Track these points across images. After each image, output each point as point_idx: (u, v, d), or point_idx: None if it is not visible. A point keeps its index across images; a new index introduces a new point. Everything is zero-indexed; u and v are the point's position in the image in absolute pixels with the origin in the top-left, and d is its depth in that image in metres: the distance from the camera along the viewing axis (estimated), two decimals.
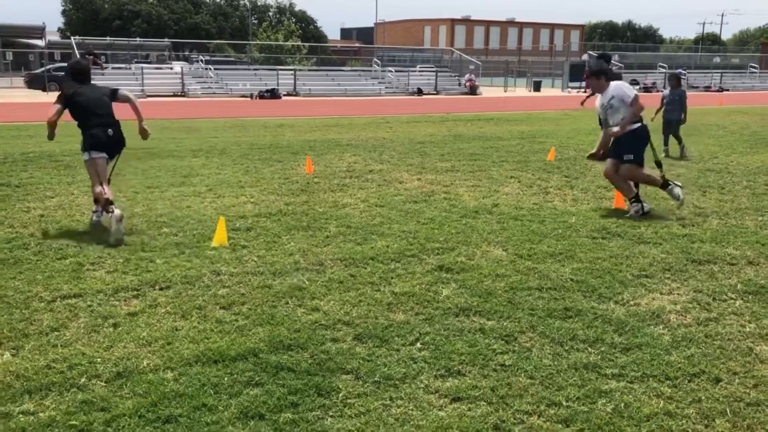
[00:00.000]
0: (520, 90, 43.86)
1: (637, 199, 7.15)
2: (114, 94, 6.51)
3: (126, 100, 6.58)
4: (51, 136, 6.56)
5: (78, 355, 3.70)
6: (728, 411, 3.25)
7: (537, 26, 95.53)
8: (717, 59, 70.44)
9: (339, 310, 4.43)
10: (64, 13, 74.84)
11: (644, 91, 43.67)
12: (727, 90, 46.43)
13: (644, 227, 6.69)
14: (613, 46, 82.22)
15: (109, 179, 6.42)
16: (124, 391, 3.32)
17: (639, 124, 7.17)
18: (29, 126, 16.21)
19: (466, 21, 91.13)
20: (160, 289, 4.77)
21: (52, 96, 28.78)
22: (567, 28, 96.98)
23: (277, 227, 6.58)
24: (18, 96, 29.10)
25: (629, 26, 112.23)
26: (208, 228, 6.41)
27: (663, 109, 12.51)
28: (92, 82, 6.79)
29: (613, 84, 7.34)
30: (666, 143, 12.20)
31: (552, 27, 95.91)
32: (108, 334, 4.00)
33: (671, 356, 3.82)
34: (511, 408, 3.23)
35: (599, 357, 3.80)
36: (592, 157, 7.62)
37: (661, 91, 17.38)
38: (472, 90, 37.60)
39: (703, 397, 3.37)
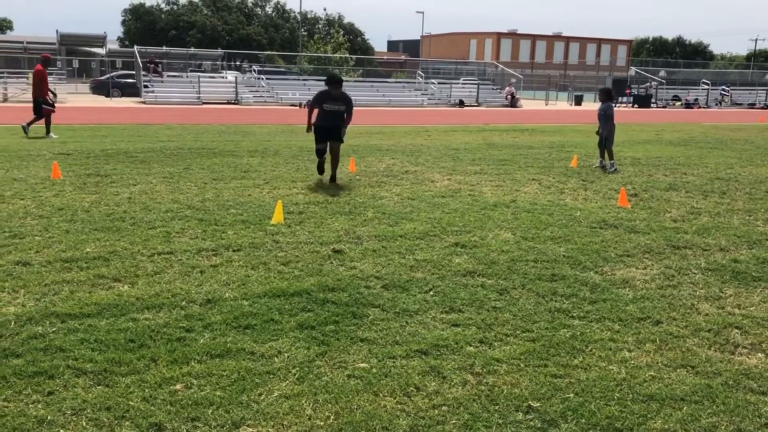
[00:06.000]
0: (561, 104, 44.59)
1: None
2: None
3: None
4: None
5: (177, 288, 4.99)
6: (658, 339, 4.34)
7: (583, 41, 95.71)
8: None
9: (372, 269, 5.64)
10: (123, 23, 78.44)
11: (685, 107, 43.96)
12: None
13: (639, 221, 7.75)
14: (662, 62, 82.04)
15: None
16: (213, 310, 4.59)
17: None
18: (101, 127, 17.96)
19: (512, 35, 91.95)
20: (233, 250, 6.06)
21: (116, 101, 30.80)
22: (614, 43, 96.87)
23: (323, 212, 7.83)
24: (84, 100, 31.28)
25: (678, 42, 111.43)
26: (267, 210, 7.70)
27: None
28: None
29: None
30: (601, 155, 12.41)
31: (599, 42, 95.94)
32: (197, 277, 5.29)
33: (628, 307, 4.92)
34: (493, 331, 4.39)
35: (570, 305, 4.92)
36: None
37: (704, 108, 17.94)
38: (513, 102, 38.55)
39: (642, 331, 4.47)
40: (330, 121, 9.60)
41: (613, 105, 12.26)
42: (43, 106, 15.41)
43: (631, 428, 3.25)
